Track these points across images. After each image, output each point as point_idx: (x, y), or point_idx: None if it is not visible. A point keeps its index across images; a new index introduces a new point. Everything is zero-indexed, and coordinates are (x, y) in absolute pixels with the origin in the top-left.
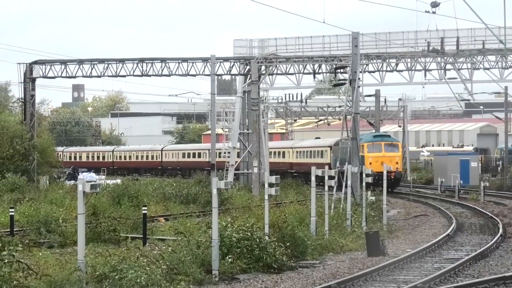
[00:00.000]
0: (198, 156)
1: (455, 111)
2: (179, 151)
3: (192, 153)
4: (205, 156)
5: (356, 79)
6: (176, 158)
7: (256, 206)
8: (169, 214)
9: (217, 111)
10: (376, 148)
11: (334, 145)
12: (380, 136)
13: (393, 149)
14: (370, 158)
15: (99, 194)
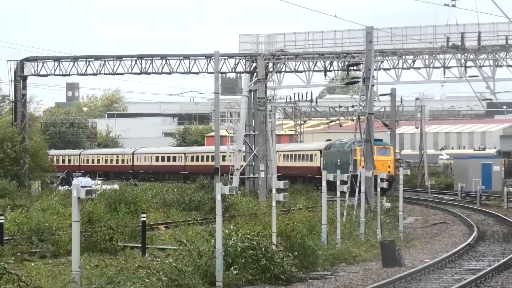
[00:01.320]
0: (173, 160)
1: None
2: (152, 154)
3: (166, 156)
4: (180, 160)
5: (370, 77)
6: (148, 161)
7: (262, 213)
8: (170, 221)
9: (221, 111)
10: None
11: (324, 149)
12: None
13: (385, 153)
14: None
15: (95, 200)
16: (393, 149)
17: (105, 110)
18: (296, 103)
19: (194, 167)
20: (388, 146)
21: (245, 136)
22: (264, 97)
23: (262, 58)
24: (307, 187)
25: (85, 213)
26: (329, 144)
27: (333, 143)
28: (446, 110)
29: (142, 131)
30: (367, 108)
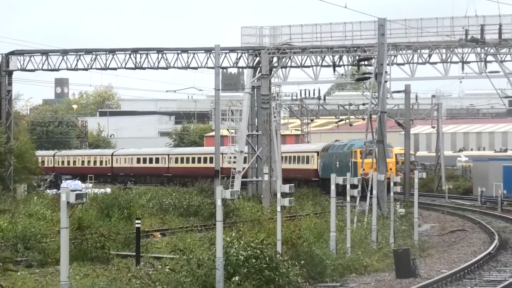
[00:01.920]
0: (156, 162)
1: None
2: (133, 156)
3: (148, 158)
4: (164, 162)
5: (383, 73)
6: (129, 163)
7: (266, 219)
8: (166, 228)
9: (222, 109)
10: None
11: (322, 151)
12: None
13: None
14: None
15: (86, 205)
16: (394, 151)
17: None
18: (303, 100)
19: (179, 170)
20: (389, 147)
21: (248, 136)
22: (268, 94)
23: (266, 52)
24: (314, 191)
25: (75, 219)
26: (326, 146)
27: (331, 145)
28: (464, 108)
29: (136, 130)
30: (379, 106)
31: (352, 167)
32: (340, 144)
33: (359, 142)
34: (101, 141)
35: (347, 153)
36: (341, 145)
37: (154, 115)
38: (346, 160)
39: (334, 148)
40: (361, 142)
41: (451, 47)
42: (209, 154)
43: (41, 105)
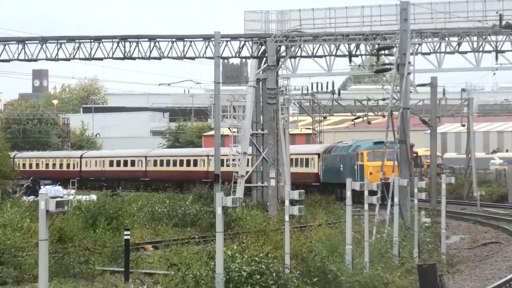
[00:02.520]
0: (131, 165)
1: None
2: (105, 158)
3: (123, 160)
4: (140, 165)
5: (406, 64)
6: (100, 166)
7: (273, 230)
8: (159, 240)
9: (223, 105)
10: (377, 156)
11: (323, 153)
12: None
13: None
14: (370, 167)
15: (68, 214)
16: None
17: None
18: (315, 95)
19: (158, 174)
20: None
21: (252, 135)
22: (275, 88)
23: (273, 40)
24: (327, 198)
25: (55, 230)
26: (329, 147)
27: (333, 146)
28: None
29: (125, 129)
30: (401, 101)
31: (358, 171)
32: (344, 145)
33: (366, 143)
34: (84, 141)
35: (353, 155)
36: (346, 147)
37: (146, 112)
38: (352, 162)
39: (337, 149)
40: (368, 143)
41: (483, 34)
42: (195, 156)
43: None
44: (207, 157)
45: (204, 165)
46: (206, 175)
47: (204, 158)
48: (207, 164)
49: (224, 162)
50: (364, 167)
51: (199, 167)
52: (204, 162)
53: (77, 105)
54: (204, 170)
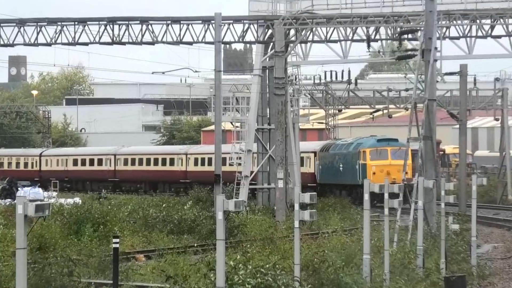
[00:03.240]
0: (98, 164)
1: None
2: (68, 156)
3: (89, 159)
4: (109, 164)
5: (432, 49)
6: (62, 166)
7: (281, 238)
8: (153, 249)
9: (224, 96)
10: (381, 154)
11: (320, 151)
12: (385, 140)
13: (401, 156)
14: (373, 167)
15: (49, 219)
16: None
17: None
18: (328, 85)
19: (128, 173)
20: (402, 146)
21: (257, 131)
22: (283, 77)
23: (281, 22)
24: (342, 201)
25: (35, 237)
26: (326, 145)
27: (332, 143)
28: None
29: (114, 123)
30: (426, 92)
31: (360, 171)
32: (344, 142)
33: (369, 140)
34: (68, 137)
35: (354, 154)
36: (346, 144)
37: (137, 104)
38: (352, 162)
39: (336, 147)
40: (371, 140)
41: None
42: (171, 154)
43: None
44: (186, 156)
45: (181, 164)
46: (184, 175)
47: (181, 156)
48: (185, 163)
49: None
50: (366, 167)
51: (176, 166)
52: (182, 161)
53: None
54: (181, 169)
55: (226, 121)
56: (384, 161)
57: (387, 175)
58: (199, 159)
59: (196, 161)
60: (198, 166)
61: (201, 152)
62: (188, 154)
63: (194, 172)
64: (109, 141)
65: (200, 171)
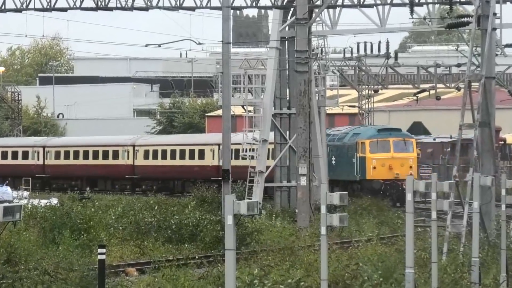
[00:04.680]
0: (23, 157)
1: None
2: None
3: (11, 152)
4: (36, 157)
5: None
6: None
7: (304, 248)
8: (147, 261)
9: (234, 74)
10: (382, 146)
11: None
12: (387, 130)
13: (405, 148)
14: (373, 160)
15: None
16: (415, 143)
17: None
18: (362, 60)
19: (61, 169)
20: (409, 138)
21: (274, 116)
22: (306, 50)
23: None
24: (379, 202)
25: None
26: None
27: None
28: None
29: (99, 107)
30: (483, 68)
31: (358, 165)
32: (337, 132)
33: (368, 130)
34: (42, 125)
35: (350, 146)
36: (340, 135)
37: (127, 84)
38: (348, 155)
39: (328, 138)
40: (370, 130)
41: None
42: (116, 146)
43: None
44: (133, 147)
45: (128, 157)
46: (130, 171)
47: (128, 148)
48: (133, 156)
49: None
50: (366, 160)
51: (121, 159)
52: (129, 153)
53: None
54: (128, 164)
55: (237, 105)
56: (386, 154)
57: (389, 169)
58: (151, 152)
59: (147, 153)
60: (150, 159)
61: (152, 143)
62: (136, 145)
63: (144, 167)
64: (92, 129)
65: (151, 165)
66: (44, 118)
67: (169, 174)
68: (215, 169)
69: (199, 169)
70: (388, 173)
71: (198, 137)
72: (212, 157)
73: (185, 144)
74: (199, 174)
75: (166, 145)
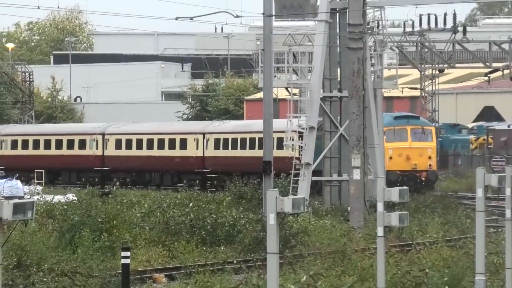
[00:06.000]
0: None
1: None
2: None
3: None
4: None
5: None
6: None
7: (358, 251)
8: (177, 266)
9: (277, 51)
10: (399, 135)
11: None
12: (404, 117)
13: (423, 137)
14: (390, 150)
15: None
16: (434, 131)
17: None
18: (425, 34)
19: (18, 159)
20: (428, 126)
21: (323, 100)
22: (360, 24)
23: None
24: (444, 200)
25: (13, 250)
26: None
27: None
28: None
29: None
30: None
31: None
32: None
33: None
34: (57, 109)
35: None
36: None
37: (154, 63)
38: None
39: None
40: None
41: None
42: (82, 134)
43: None
44: (103, 136)
45: (97, 147)
46: (100, 162)
47: (96, 137)
48: (102, 145)
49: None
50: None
51: (88, 150)
52: (98, 143)
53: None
54: (97, 154)
55: (280, 87)
56: (403, 143)
57: (407, 160)
58: (123, 141)
59: (119, 143)
60: (122, 149)
61: (125, 131)
62: (107, 134)
63: (115, 158)
64: (114, 114)
65: (124, 156)
66: (60, 102)
67: (145, 166)
68: (199, 160)
69: (181, 160)
70: (405, 163)
71: (179, 125)
72: (196, 147)
73: (164, 133)
74: (180, 165)
75: (142, 134)
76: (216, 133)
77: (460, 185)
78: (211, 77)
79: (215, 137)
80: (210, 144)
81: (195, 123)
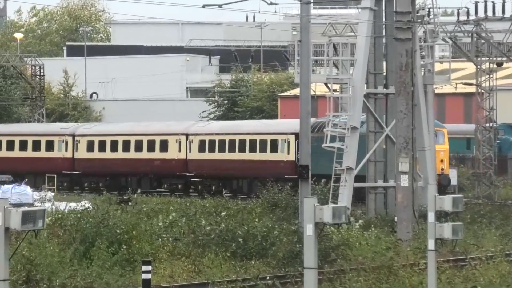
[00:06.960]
0: None
1: None
2: None
3: None
4: None
5: None
6: None
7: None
8: (204, 282)
9: (315, 43)
10: None
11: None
12: None
13: (435, 139)
14: None
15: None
16: (447, 133)
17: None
18: (481, 24)
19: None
20: (440, 128)
21: (367, 97)
22: (409, 12)
23: None
24: (503, 209)
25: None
26: (316, 123)
27: (321, 122)
28: None
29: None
30: None
31: None
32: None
33: None
34: (70, 107)
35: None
36: None
37: (179, 55)
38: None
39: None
40: None
41: None
42: (50, 135)
43: None
44: (73, 137)
45: (66, 149)
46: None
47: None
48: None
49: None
50: None
51: (57, 152)
52: (67, 144)
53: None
54: (66, 157)
55: (318, 82)
56: None
57: None
58: (96, 143)
59: (91, 145)
60: (95, 152)
61: (98, 132)
62: (77, 135)
63: (87, 161)
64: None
65: (97, 159)
66: (73, 99)
67: (121, 170)
68: (182, 163)
69: (161, 164)
70: None
71: (158, 126)
72: (178, 149)
73: (143, 133)
74: (160, 169)
75: (117, 135)
76: (201, 135)
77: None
78: (240, 71)
79: (200, 138)
80: (194, 146)
81: (177, 123)
